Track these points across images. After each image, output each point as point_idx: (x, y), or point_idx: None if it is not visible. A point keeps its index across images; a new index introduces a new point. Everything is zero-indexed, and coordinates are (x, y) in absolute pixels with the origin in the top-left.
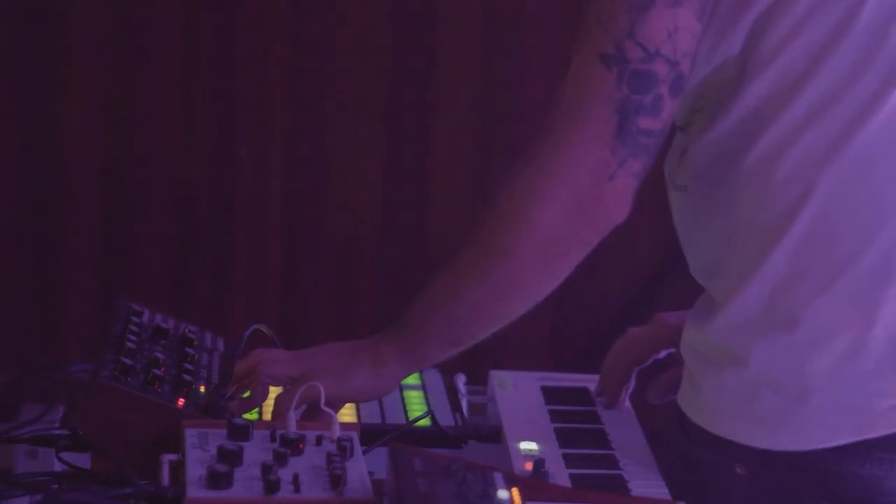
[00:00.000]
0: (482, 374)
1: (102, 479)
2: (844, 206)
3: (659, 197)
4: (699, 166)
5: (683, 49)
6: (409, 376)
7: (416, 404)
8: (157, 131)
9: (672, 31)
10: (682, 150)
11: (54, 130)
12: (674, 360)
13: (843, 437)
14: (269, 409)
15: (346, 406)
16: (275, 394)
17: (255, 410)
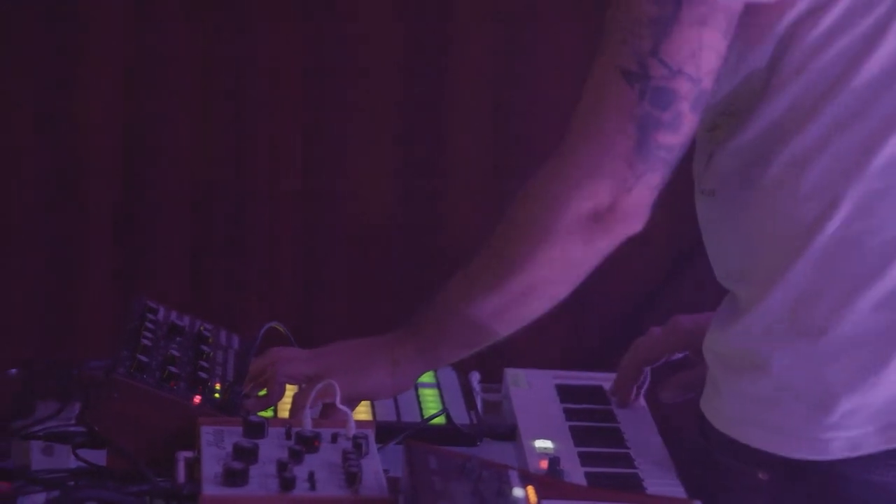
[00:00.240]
0: (497, 372)
1: (118, 476)
2: (871, 218)
3: (674, 197)
4: (725, 172)
5: (707, 67)
6: (424, 374)
7: (431, 402)
8: (172, 130)
9: (696, 49)
10: (708, 154)
11: (70, 129)
12: (689, 361)
13: (868, 448)
14: (285, 406)
15: (361, 404)
16: (291, 392)
17: (270, 408)
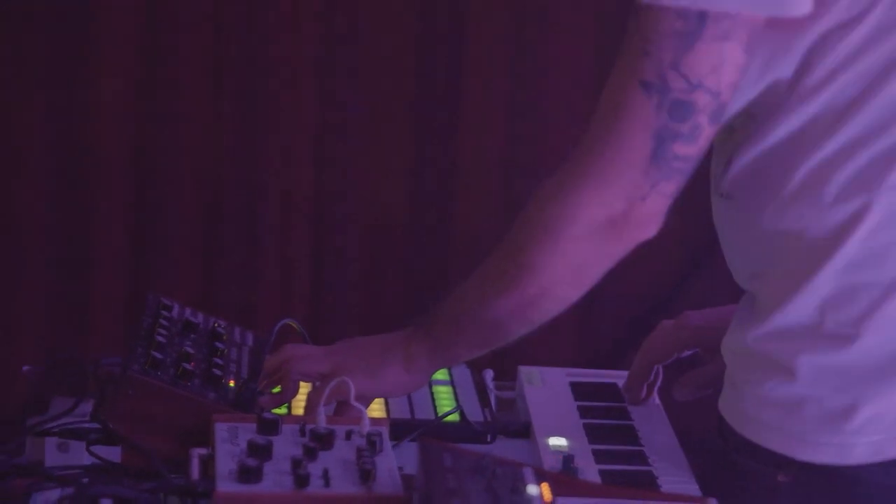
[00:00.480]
0: (511, 369)
1: (133, 472)
2: None
3: (687, 198)
4: (745, 177)
5: (727, 81)
6: (438, 371)
7: (444, 399)
8: (185, 128)
9: (718, 64)
10: (727, 158)
11: (83, 126)
12: (700, 358)
13: (891, 453)
14: (298, 404)
15: (375, 401)
16: (305, 389)
17: (284, 405)
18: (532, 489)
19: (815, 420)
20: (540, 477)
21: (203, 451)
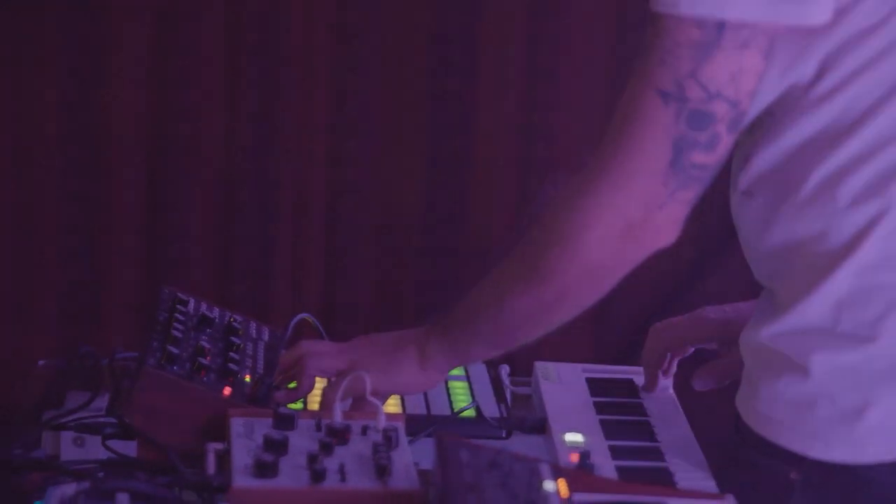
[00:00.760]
0: (526, 365)
1: (148, 467)
2: None
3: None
4: (763, 176)
5: (746, 89)
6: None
7: (460, 395)
8: (200, 121)
9: (736, 73)
10: (746, 156)
11: (97, 118)
12: (718, 353)
13: None
14: (314, 399)
15: (391, 396)
16: (320, 385)
17: (300, 401)
18: (549, 485)
19: (828, 418)
20: (556, 473)
21: (219, 445)
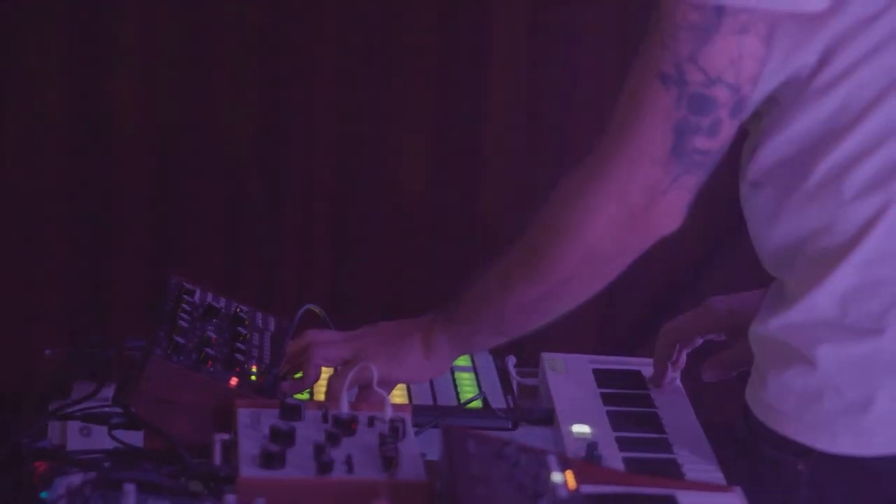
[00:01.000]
0: (533, 356)
1: (155, 457)
2: None
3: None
4: (770, 166)
5: (747, 74)
6: (460, 358)
7: (467, 386)
8: (207, 110)
9: (736, 58)
10: (753, 146)
11: (106, 109)
12: (727, 343)
13: None
14: (320, 390)
15: (397, 387)
16: (326, 375)
17: (306, 391)
18: (556, 476)
19: (835, 411)
20: (564, 464)
21: (225, 436)
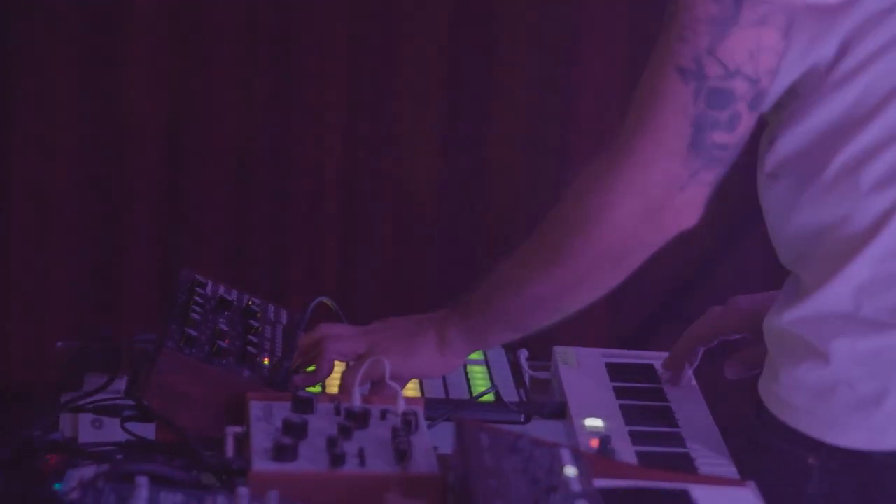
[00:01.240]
0: (545, 349)
1: (167, 450)
2: None
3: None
4: (787, 158)
5: (766, 67)
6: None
7: (479, 380)
8: (216, 102)
9: (755, 50)
10: (772, 137)
11: (115, 100)
12: (748, 342)
13: None
14: (333, 383)
15: (410, 381)
16: (339, 368)
17: (318, 384)
18: (570, 470)
19: (847, 405)
20: (577, 458)
21: (238, 429)
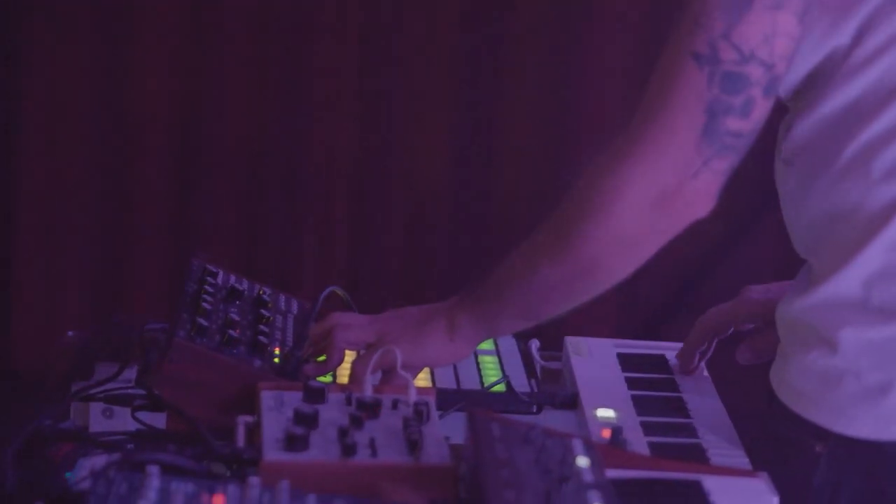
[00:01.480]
0: (556, 340)
1: (178, 439)
2: None
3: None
4: (803, 144)
5: (781, 52)
6: (484, 341)
7: (490, 370)
8: (228, 93)
9: (770, 34)
10: (788, 124)
11: (126, 89)
12: (759, 331)
13: None
14: (343, 373)
15: (421, 371)
16: (349, 358)
17: (329, 374)
18: (582, 460)
19: (854, 394)
20: (589, 448)
21: (249, 418)
